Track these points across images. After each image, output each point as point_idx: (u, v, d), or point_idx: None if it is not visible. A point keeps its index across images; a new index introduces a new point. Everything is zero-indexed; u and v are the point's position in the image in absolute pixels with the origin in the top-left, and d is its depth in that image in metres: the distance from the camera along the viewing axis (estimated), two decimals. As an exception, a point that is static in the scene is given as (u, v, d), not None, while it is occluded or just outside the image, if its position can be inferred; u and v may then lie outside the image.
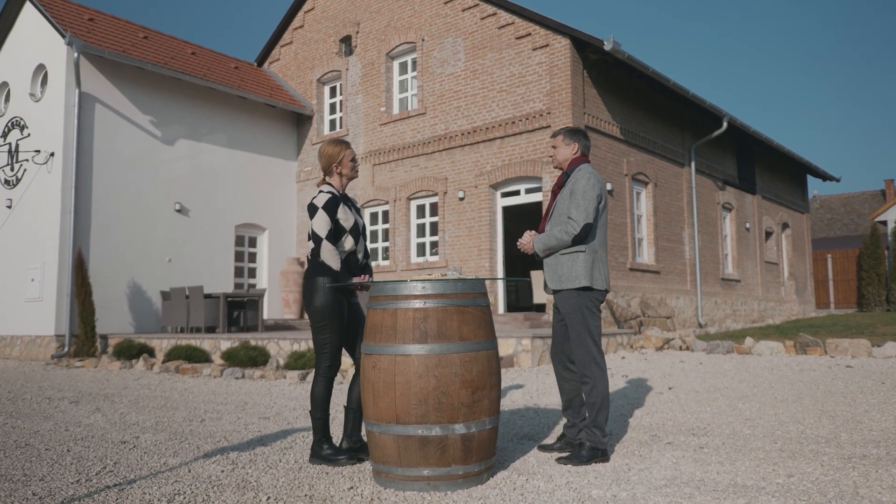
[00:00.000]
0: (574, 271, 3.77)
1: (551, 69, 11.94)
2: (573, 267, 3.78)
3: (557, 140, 4.02)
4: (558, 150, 4.01)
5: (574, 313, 3.78)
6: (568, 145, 3.99)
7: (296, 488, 3.34)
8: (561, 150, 4.00)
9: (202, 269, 14.05)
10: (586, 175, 3.84)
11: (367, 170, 14.66)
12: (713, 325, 15.06)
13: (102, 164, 12.65)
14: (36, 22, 13.25)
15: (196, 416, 5.73)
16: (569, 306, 3.80)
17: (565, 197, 3.85)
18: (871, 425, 4.54)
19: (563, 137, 4.00)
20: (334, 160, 3.96)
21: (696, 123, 15.24)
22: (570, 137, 3.99)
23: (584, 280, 3.76)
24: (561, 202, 3.87)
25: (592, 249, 3.81)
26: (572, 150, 3.99)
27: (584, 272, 3.77)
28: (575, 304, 3.78)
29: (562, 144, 4.00)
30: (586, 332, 3.77)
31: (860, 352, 9.04)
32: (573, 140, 3.99)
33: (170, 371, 9.62)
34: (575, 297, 3.78)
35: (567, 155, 3.99)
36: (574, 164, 3.96)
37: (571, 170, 3.94)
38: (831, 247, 27.45)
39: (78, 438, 4.76)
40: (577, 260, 3.78)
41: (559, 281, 3.82)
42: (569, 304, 3.79)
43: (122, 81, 13.06)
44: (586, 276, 3.77)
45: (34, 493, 3.33)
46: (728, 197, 16.62)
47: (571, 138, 3.99)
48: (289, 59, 16.76)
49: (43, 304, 12.29)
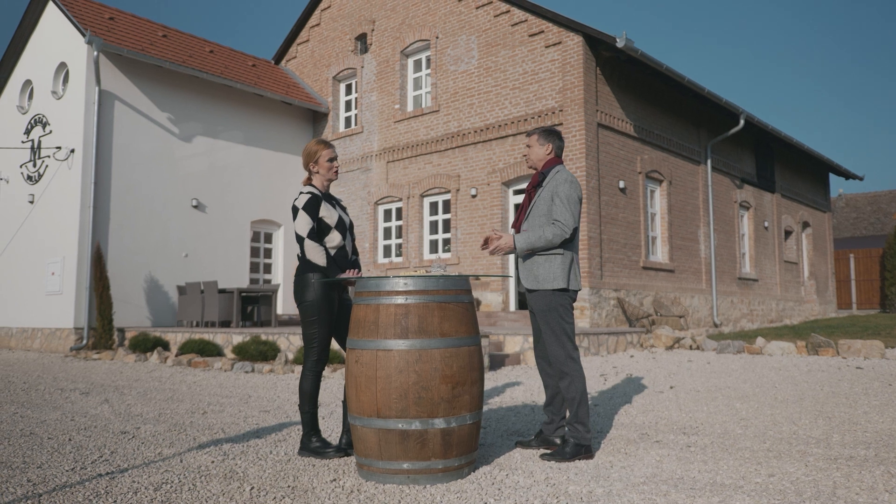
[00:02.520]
0: (551, 273, 3.83)
1: (564, 66, 11.91)
2: (550, 268, 3.83)
3: (532, 139, 4.07)
4: (532, 149, 4.06)
5: (550, 312, 3.83)
6: (542, 145, 4.03)
7: (280, 479, 3.41)
8: (535, 149, 4.05)
9: (218, 264, 14.26)
10: (568, 179, 3.89)
11: (381, 167, 14.74)
12: (728, 324, 14.91)
13: (121, 160, 12.88)
14: (58, 21, 13.53)
15: (199, 408, 5.84)
16: (544, 305, 3.85)
17: (546, 198, 3.89)
18: (867, 427, 4.50)
19: (538, 137, 4.05)
20: (312, 158, 4.01)
21: (712, 121, 15.08)
22: (544, 138, 4.04)
23: (560, 282, 3.82)
24: (541, 202, 3.91)
25: (569, 252, 3.88)
26: (546, 150, 4.03)
27: (560, 274, 3.82)
28: (550, 303, 3.84)
29: (536, 144, 4.05)
30: (562, 331, 3.82)
31: (873, 353, 8.91)
32: (547, 140, 4.03)
33: (182, 364, 9.79)
34: (550, 297, 3.84)
35: (541, 155, 4.04)
36: (549, 165, 4.01)
37: (548, 170, 3.99)
38: (857, 246, 26.97)
39: (81, 428, 4.89)
40: (553, 262, 3.84)
41: (536, 281, 3.87)
42: (544, 302, 3.85)
43: (140, 79, 13.28)
44: (563, 277, 3.82)
45: (29, 479, 3.44)
46: (746, 195, 16.42)
47: (546, 139, 4.03)
48: (305, 57, 16.90)
49: (63, 298, 12.57)
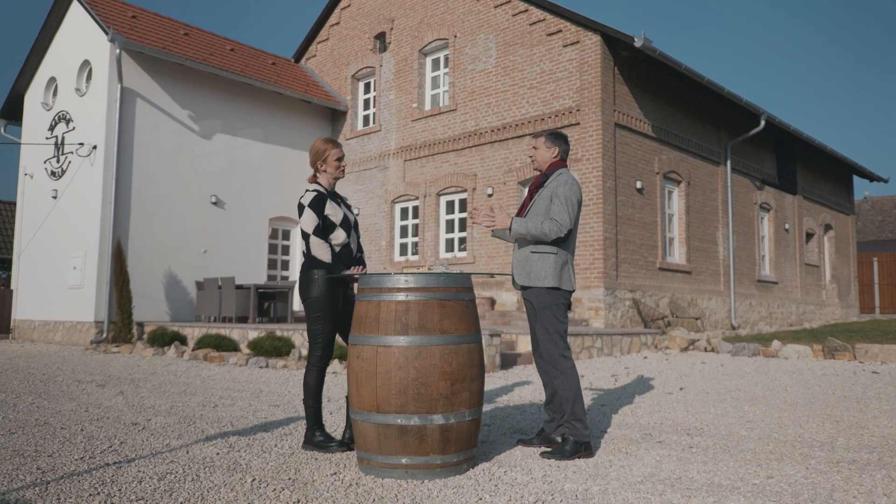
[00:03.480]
0: (543, 271, 3.88)
1: (581, 66, 11.87)
2: (543, 267, 3.88)
3: (539, 142, 4.10)
4: (539, 151, 4.09)
5: (543, 310, 3.89)
6: (549, 148, 4.07)
7: (282, 472, 3.46)
8: (542, 151, 4.08)
9: (236, 260, 14.42)
10: (570, 181, 3.93)
11: (398, 165, 14.81)
12: (746, 327, 14.76)
13: (142, 156, 13.09)
14: (82, 19, 13.77)
15: (210, 401, 5.94)
16: (537, 303, 3.91)
17: (545, 198, 3.93)
18: (874, 431, 4.45)
19: (545, 140, 4.08)
20: (320, 157, 4.07)
21: (732, 121, 14.94)
22: (551, 141, 4.07)
23: (552, 281, 3.86)
24: (540, 202, 3.95)
25: (564, 253, 3.91)
26: (552, 153, 4.07)
27: (552, 273, 3.87)
28: (544, 301, 3.89)
29: (543, 147, 4.08)
30: (554, 329, 3.87)
31: (890, 357, 8.78)
32: (554, 144, 4.07)
33: (198, 359, 9.93)
34: (544, 295, 3.89)
35: (547, 158, 4.07)
36: (553, 168, 4.05)
37: (551, 172, 4.03)
38: (881, 249, 26.53)
39: (94, 419, 4.99)
40: (546, 261, 3.88)
41: (528, 278, 3.92)
42: (537, 301, 3.91)
43: (162, 77, 13.48)
44: (555, 277, 3.87)
45: (38, 467, 3.53)
46: (766, 197, 16.24)
47: (553, 142, 4.07)
48: (325, 56, 17.02)
49: (84, 291, 12.80)
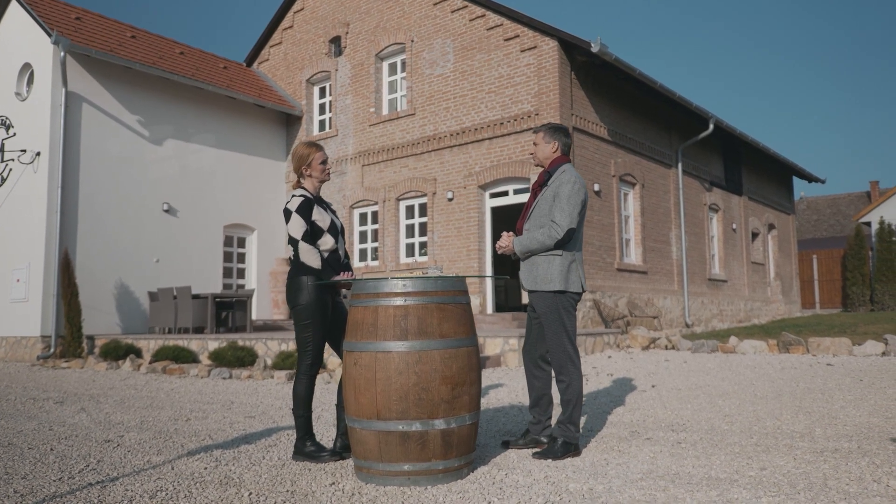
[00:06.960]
0: (549, 274, 3.82)
1: (539, 71, 12.01)
2: (549, 270, 3.82)
3: (538, 137, 4.05)
4: (539, 147, 4.05)
5: (551, 314, 3.82)
6: (548, 143, 4.02)
7: (278, 484, 3.37)
8: (541, 147, 4.04)
9: (190, 269, 14.03)
10: (572, 179, 3.86)
11: (356, 170, 14.69)
12: (700, 324, 15.18)
13: (89, 163, 12.61)
14: (22, 21, 13.20)
15: (181, 415, 5.75)
16: (545, 307, 3.84)
17: (548, 198, 3.87)
18: (846, 420, 4.63)
19: (544, 135, 4.02)
20: (304, 162, 3.99)
21: (683, 125, 15.36)
22: (549, 135, 4.02)
23: (558, 284, 3.81)
24: (543, 202, 3.89)
25: (570, 253, 3.86)
26: (552, 147, 4.01)
27: (559, 276, 3.81)
28: (551, 304, 3.82)
29: (542, 142, 4.03)
30: (563, 333, 3.82)
31: (841, 350, 9.16)
32: (553, 138, 4.01)
33: (157, 371, 9.61)
34: (551, 299, 3.83)
35: (547, 153, 4.02)
36: (556, 164, 3.99)
37: (554, 169, 3.96)
38: (819, 247, 27.68)
39: (62, 437, 4.77)
40: (552, 263, 3.82)
41: (535, 282, 3.87)
42: (545, 304, 3.84)
43: (109, 81, 13.03)
44: (561, 279, 3.81)
45: (16, 490, 3.34)
46: (715, 198, 16.75)
47: (552, 136, 4.01)
48: (278, 60, 16.76)
49: (28, 305, 12.24)
